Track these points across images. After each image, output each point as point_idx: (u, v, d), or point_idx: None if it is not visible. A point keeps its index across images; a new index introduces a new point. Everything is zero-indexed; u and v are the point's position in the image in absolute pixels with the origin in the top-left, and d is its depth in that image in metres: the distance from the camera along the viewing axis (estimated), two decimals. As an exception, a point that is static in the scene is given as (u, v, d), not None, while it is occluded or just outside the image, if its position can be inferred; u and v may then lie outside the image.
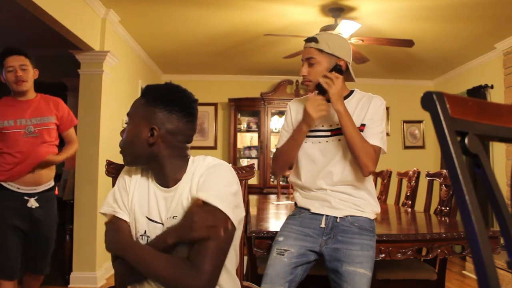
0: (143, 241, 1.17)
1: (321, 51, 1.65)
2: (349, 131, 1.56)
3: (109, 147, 3.73)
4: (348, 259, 1.55)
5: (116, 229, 1.18)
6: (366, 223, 1.64)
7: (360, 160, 1.57)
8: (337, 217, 1.63)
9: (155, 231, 1.17)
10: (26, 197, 2.32)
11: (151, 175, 1.23)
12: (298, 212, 1.73)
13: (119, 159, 1.63)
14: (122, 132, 1.23)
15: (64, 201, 3.61)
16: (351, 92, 1.73)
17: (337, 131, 1.67)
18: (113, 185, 1.51)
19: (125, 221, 1.20)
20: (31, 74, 2.38)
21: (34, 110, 2.39)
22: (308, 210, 1.69)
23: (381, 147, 1.62)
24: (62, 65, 4.13)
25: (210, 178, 1.15)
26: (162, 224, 1.17)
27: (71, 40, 3.22)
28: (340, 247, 1.59)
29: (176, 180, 1.19)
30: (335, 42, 1.66)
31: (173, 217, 1.16)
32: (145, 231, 1.18)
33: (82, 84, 3.55)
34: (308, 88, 1.72)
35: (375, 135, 1.61)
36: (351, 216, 1.64)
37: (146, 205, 1.19)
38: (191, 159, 1.23)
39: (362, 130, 1.64)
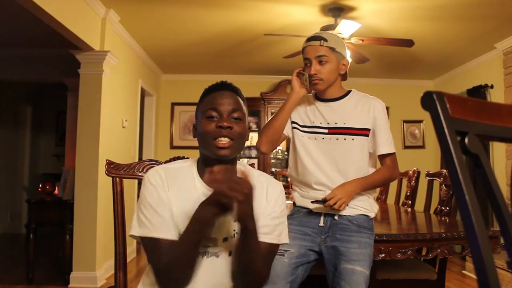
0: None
1: (332, 49, 1.63)
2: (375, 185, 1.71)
3: (109, 147, 3.73)
4: (346, 257, 1.55)
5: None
6: (364, 221, 1.65)
7: (390, 181, 1.85)
8: (335, 215, 1.64)
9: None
10: None
11: (197, 175, 1.16)
12: (296, 212, 1.73)
13: (118, 159, 1.62)
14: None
15: (64, 201, 3.61)
16: (348, 92, 1.73)
17: (334, 130, 1.65)
18: (114, 185, 1.50)
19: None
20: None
21: None
22: (307, 209, 1.69)
23: (394, 151, 1.72)
24: (62, 65, 4.13)
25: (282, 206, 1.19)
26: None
27: (71, 40, 3.21)
28: (338, 245, 1.59)
29: None
30: (339, 41, 1.67)
31: (232, 236, 1.12)
32: None
33: (82, 84, 3.55)
34: (317, 87, 1.67)
35: (387, 144, 1.69)
36: (349, 214, 1.64)
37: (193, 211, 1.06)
38: None
39: (366, 134, 1.66)
